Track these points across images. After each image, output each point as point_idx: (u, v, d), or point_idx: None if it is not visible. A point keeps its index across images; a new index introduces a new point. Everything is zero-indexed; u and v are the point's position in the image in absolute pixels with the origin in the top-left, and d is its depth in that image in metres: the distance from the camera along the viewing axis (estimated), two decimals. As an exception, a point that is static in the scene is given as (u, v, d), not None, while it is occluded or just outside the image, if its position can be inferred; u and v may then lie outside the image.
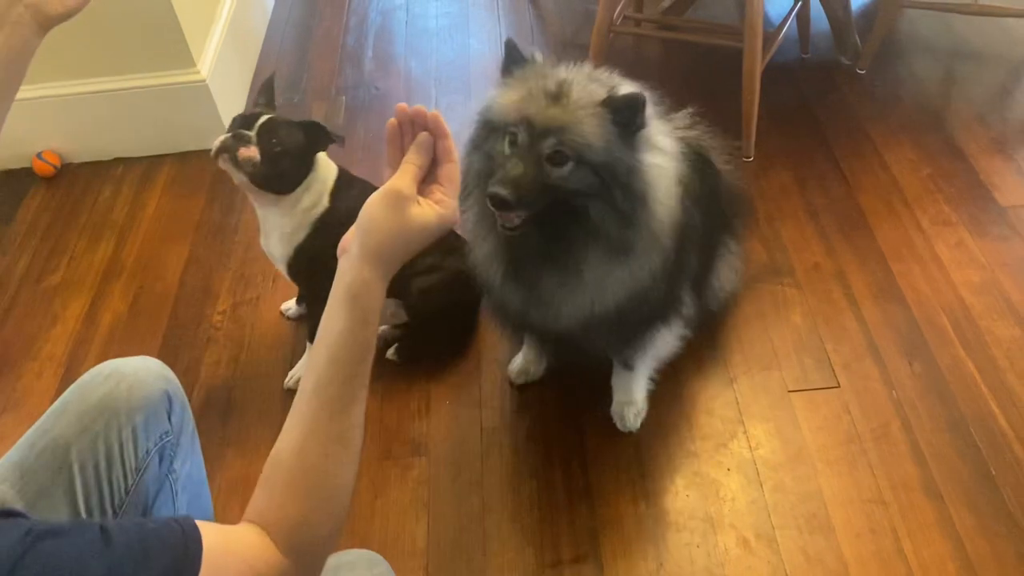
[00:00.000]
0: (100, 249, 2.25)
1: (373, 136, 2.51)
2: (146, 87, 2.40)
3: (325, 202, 1.67)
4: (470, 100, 2.65)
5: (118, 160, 2.53)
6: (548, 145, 1.27)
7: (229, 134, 1.56)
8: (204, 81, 2.41)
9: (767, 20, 2.53)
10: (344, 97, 2.71)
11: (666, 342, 1.68)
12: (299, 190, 1.64)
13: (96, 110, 2.43)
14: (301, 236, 1.67)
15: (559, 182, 1.28)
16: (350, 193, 1.69)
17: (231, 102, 2.60)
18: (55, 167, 2.48)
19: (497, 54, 2.85)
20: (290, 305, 2.02)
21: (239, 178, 1.58)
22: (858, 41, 2.64)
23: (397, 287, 1.42)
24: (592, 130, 1.27)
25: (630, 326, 1.54)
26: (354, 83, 2.78)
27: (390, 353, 1.89)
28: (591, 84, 1.31)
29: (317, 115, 2.63)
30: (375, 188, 0.88)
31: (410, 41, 2.97)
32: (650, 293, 1.44)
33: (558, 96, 1.28)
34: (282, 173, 1.60)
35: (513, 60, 1.35)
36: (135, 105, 2.43)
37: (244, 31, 2.82)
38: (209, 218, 2.32)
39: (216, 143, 1.56)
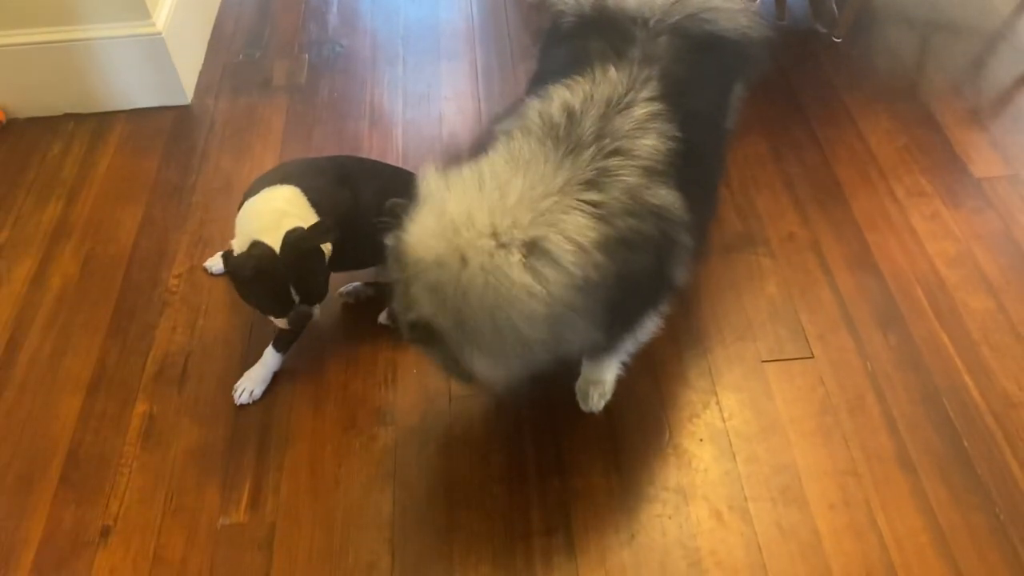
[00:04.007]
0: (49, 208, 2.14)
1: (338, 95, 2.41)
2: (97, 39, 2.28)
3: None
4: (439, 60, 2.56)
5: (68, 116, 2.41)
6: None
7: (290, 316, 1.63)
8: (160, 34, 2.30)
9: (744, -16, 2.48)
10: (308, 55, 2.60)
11: (653, 322, 1.57)
12: None
13: (44, 62, 2.31)
14: None
15: None
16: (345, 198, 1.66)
17: (188, 57, 2.49)
18: (0, 122, 2.36)
19: (468, 13, 2.77)
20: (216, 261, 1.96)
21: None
22: (834, 8, 2.60)
23: (373, 255, 1.37)
24: None
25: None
26: (318, 40, 2.67)
27: (382, 318, 1.81)
28: None
29: (279, 72, 2.53)
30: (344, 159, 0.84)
31: (377, -2, 2.87)
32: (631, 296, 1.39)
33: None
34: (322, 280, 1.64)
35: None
36: (86, 58, 2.31)
37: (202, -17, 2.70)
38: (165, 178, 2.21)
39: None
